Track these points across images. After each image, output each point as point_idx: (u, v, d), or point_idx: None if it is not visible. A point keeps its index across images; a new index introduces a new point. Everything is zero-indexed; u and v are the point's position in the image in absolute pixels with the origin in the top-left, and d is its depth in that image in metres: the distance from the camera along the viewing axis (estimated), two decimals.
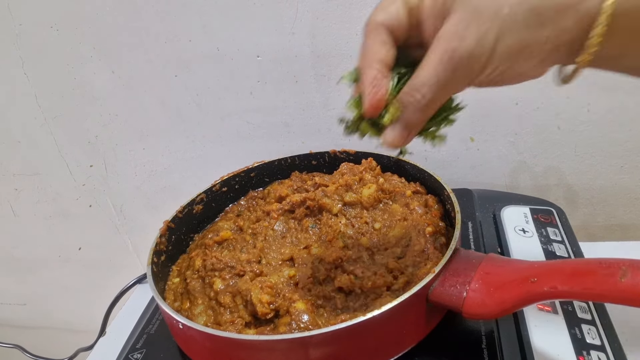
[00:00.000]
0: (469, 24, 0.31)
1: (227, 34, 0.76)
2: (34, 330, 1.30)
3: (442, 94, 0.33)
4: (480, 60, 0.31)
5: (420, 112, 0.34)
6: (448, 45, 0.31)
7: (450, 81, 0.32)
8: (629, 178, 0.78)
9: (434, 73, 0.32)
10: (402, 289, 0.49)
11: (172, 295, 0.56)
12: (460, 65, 0.31)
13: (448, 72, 0.32)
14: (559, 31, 0.31)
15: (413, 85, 0.33)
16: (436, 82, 0.32)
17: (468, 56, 0.31)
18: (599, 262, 0.37)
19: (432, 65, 0.32)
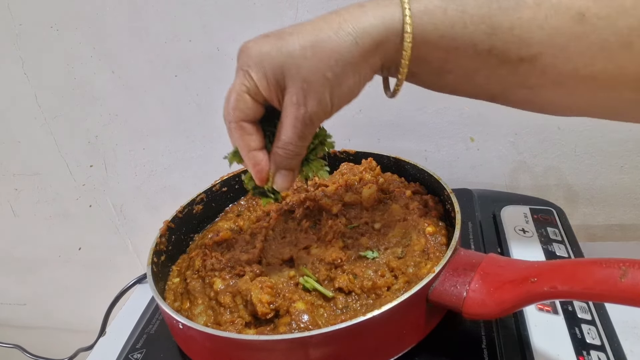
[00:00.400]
0: (305, 94, 0.39)
1: (227, 34, 0.76)
2: (34, 330, 1.30)
3: (303, 142, 0.43)
4: (324, 113, 0.41)
5: (294, 159, 0.44)
6: (296, 113, 0.40)
7: (307, 132, 0.42)
8: (629, 178, 0.78)
9: (292, 133, 0.42)
10: (402, 289, 0.49)
11: (172, 295, 0.56)
12: (310, 122, 0.41)
13: (302, 130, 0.41)
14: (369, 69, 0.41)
15: (281, 144, 0.43)
16: (296, 137, 0.42)
17: (315, 116, 0.41)
18: (599, 262, 0.37)
19: (290, 129, 0.41)
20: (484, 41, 0.39)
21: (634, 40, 0.40)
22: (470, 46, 0.39)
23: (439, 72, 0.42)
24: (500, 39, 0.39)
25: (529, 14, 0.39)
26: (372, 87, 0.80)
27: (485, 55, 0.40)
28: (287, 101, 0.40)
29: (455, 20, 0.39)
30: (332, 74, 0.39)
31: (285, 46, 0.39)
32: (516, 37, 0.39)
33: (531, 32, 0.39)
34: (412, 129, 0.81)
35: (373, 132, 0.83)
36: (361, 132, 0.83)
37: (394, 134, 0.82)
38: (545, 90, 0.42)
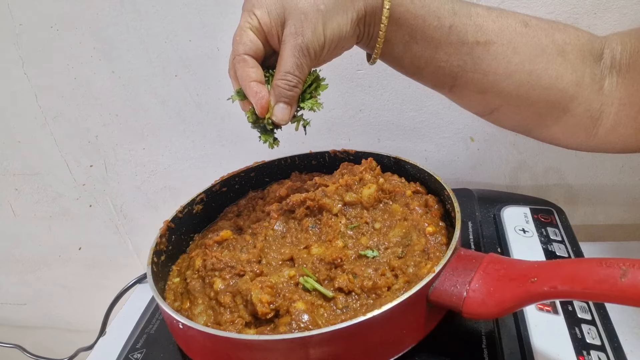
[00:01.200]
0: (302, 23, 0.44)
1: (227, 33, 0.76)
2: (34, 330, 1.30)
3: (301, 72, 0.47)
4: (318, 43, 0.46)
5: (294, 89, 0.48)
6: (294, 42, 0.45)
7: (306, 62, 0.46)
8: (629, 178, 0.78)
9: (291, 61, 0.46)
10: (402, 288, 0.49)
11: (172, 295, 0.56)
12: (307, 51, 0.46)
13: (300, 58, 0.46)
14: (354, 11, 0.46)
15: (281, 74, 0.47)
16: (295, 67, 0.46)
17: (311, 44, 0.45)
18: (599, 261, 0.37)
19: (289, 57, 0.46)
20: (447, 17, 0.48)
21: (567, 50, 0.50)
22: (435, 18, 0.47)
23: (408, 41, 0.49)
24: (460, 21, 0.48)
25: (483, 12, 0.49)
26: (372, 88, 0.80)
27: (447, 30, 0.48)
28: (286, 32, 0.46)
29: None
30: (325, 6, 0.44)
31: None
32: (473, 23, 0.48)
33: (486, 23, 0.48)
34: (412, 128, 0.81)
35: (373, 132, 0.83)
36: (361, 132, 0.83)
37: (394, 134, 0.82)
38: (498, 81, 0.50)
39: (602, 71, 0.51)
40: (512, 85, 0.50)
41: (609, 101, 0.51)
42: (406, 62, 0.52)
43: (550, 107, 0.52)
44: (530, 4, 0.66)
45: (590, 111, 0.51)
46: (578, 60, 0.50)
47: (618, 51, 0.51)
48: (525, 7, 0.66)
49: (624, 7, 0.64)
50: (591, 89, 0.51)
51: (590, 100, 0.51)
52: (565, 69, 0.50)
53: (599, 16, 0.65)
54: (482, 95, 0.52)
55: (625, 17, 0.64)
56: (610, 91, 0.51)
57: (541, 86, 0.50)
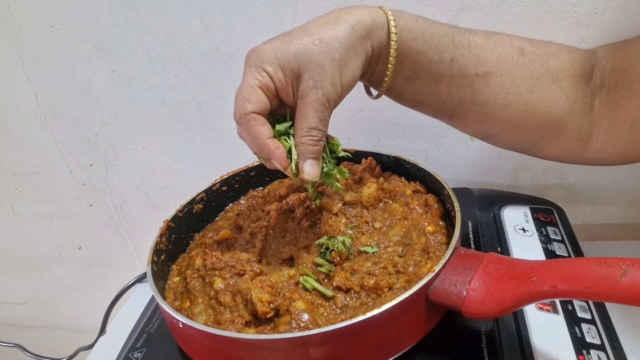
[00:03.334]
0: (320, 76, 0.44)
1: (227, 33, 0.76)
2: (34, 329, 1.30)
3: (325, 125, 0.47)
4: (336, 94, 0.46)
5: (319, 143, 0.47)
6: (315, 96, 0.45)
7: (325, 116, 0.46)
8: (629, 177, 0.78)
9: (314, 116, 0.45)
10: (402, 288, 0.49)
11: (172, 294, 0.56)
12: (327, 104, 0.46)
13: (322, 112, 0.46)
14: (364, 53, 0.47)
15: (304, 130, 0.46)
16: (318, 121, 0.46)
17: (330, 95, 0.45)
18: (599, 261, 0.37)
19: (311, 112, 0.45)
20: (447, 51, 0.48)
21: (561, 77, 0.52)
22: (437, 53, 0.48)
23: (410, 76, 0.50)
24: (460, 53, 0.49)
25: (481, 40, 0.50)
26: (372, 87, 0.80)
27: (448, 64, 0.49)
28: (303, 87, 0.45)
29: (425, 28, 0.48)
30: (339, 55, 0.44)
31: (295, 41, 0.45)
32: (472, 54, 0.49)
33: (484, 53, 0.49)
34: (412, 128, 0.81)
35: (373, 131, 0.83)
36: (361, 131, 0.83)
37: (394, 133, 0.82)
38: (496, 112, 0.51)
39: (592, 91, 0.53)
40: (509, 115, 0.52)
41: (599, 122, 0.53)
42: (407, 96, 0.53)
43: (544, 132, 0.54)
44: (531, 3, 0.66)
45: (580, 134, 0.54)
46: (571, 86, 0.53)
47: (607, 69, 0.53)
48: (525, 7, 0.66)
49: (624, 6, 0.64)
50: (582, 112, 0.53)
51: (581, 124, 0.54)
52: (559, 96, 0.52)
53: (599, 15, 0.65)
54: (480, 124, 0.54)
55: (625, 17, 0.64)
56: (599, 111, 0.53)
57: (536, 114, 0.52)
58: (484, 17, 0.68)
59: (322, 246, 0.54)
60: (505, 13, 0.67)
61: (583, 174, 0.79)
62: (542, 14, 0.66)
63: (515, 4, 0.66)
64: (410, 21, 0.48)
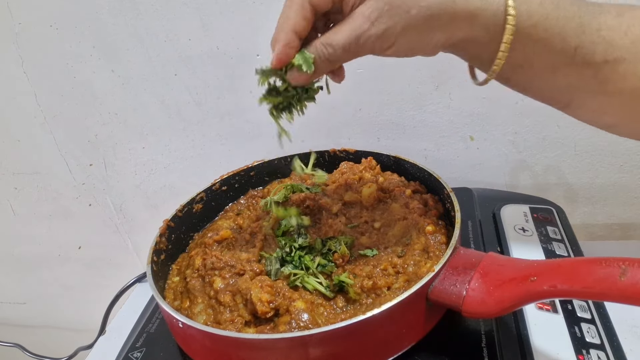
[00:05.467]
0: (381, 13, 0.38)
1: (226, 32, 0.76)
2: (34, 329, 1.30)
3: (346, 55, 0.41)
4: (382, 44, 0.40)
5: (326, 62, 0.42)
6: (361, 24, 0.39)
7: (354, 49, 0.40)
8: (629, 177, 0.78)
9: (344, 40, 0.40)
10: (401, 287, 0.49)
11: (172, 294, 0.56)
12: (366, 43, 0.40)
13: (355, 44, 0.40)
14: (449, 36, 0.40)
15: (327, 41, 0.41)
16: (344, 47, 0.40)
17: (374, 39, 0.39)
18: (599, 260, 0.37)
19: (345, 34, 0.39)
20: (573, 37, 0.40)
21: None
22: (559, 40, 0.40)
23: (520, 65, 0.42)
24: (588, 38, 0.40)
25: (613, 20, 0.41)
26: (372, 85, 0.80)
27: (571, 52, 0.40)
28: (360, 10, 0.39)
29: (549, 12, 0.40)
30: (416, 13, 0.38)
31: None
32: (602, 39, 0.40)
33: (616, 36, 0.40)
34: (412, 127, 0.81)
35: (373, 131, 0.83)
36: (361, 131, 0.83)
37: (393, 133, 0.82)
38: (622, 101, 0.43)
39: None
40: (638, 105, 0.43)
41: None
42: (512, 82, 0.45)
43: None
44: None
45: None
46: None
47: None
48: None
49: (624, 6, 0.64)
50: None
51: None
52: None
53: None
54: (600, 115, 0.46)
55: None
56: None
57: None
58: None
59: (324, 247, 0.54)
60: None
61: (583, 174, 0.79)
62: None
63: None
64: (534, 3, 0.40)
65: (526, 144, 0.78)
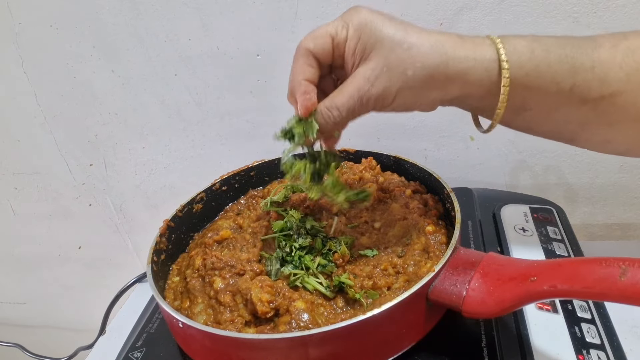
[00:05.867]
0: (379, 74, 0.41)
1: (227, 33, 0.76)
2: (34, 329, 1.30)
3: (351, 115, 0.44)
4: (383, 103, 0.43)
5: (332, 125, 0.45)
6: (361, 86, 0.42)
7: (357, 109, 0.43)
8: (629, 177, 0.78)
9: (346, 101, 0.43)
10: (401, 287, 0.49)
11: (172, 294, 0.56)
12: (367, 102, 0.43)
13: (357, 104, 0.43)
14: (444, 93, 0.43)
15: (331, 104, 0.44)
16: (347, 108, 0.43)
17: (374, 98, 0.42)
18: (599, 260, 0.37)
19: (347, 96, 0.43)
20: (566, 79, 0.41)
21: None
22: (553, 84, 0.41)
23: (518, 110, 0.44)
24: (582, 77, 0.41)
25: (607, 54, 0.41)
26: None
27: (567, 93, 0.41)
28: (360, 72, 0.42)
29: (540, 60, 0.41)
30: (412, 74, 0.41)
31: (392, 28, 0.41)
32: (597, 76, 0.41)
33: (611, 71, 0.41)
34: (412, 127, 0.81)
35: (373, 131, 0.83)
36: (361, 131, 0.83)
37: (393, 133, 0.82)
38: (626, 129, 0.43)
39: None
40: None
41: None
42: (514, 125, 0.47)
43: None
44: (531, 3, 0.66)
45: None
46: None
47: None
48: (525, 6, 0.66)
49: (624, 6, 0.64)
50: None
51: None
52: None
53: (599, 15, 0.65)
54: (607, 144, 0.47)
55: (625, 17, 0.64)
56: None
57: None
58: (484, 17, 0.68)
59: (324, 247, 0.54)
60: (505, 13, 0.67)
61: (583, 174, 0.79)
62: (541, 14, 0.66)
63: (515, 4, 0.66)
64: (524, 54, 0.41)
65: (526, 144, 0.78)
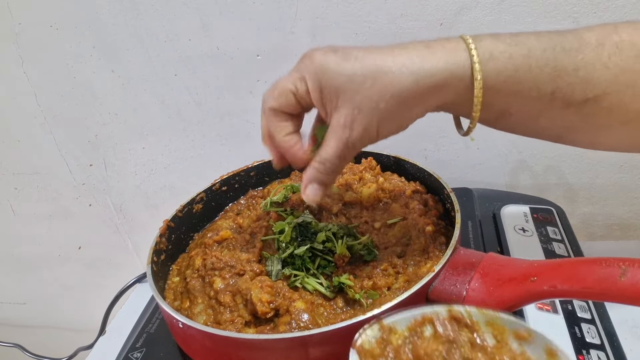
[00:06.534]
0: (354, 118, 0.40)
1: (227, 33, 0.76)
2: (34, 329, 1.30)
3: (342, 162, 0.43)
4: (369, 140, 0.42)
5: (329, 175, 0.44)
6: (341, 135, 0.41)
7: (347, 154, 0.42)
8: (629, 177, 0.78)
9: (333, 152, 0.42)
10: (402, 288, 0.49)
11: (172, 294, 0.56)
12: (352, 146, 0.42)
13: (344, 151, 0.42)
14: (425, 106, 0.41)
15: (320, 159, 0.43)
16: (336, 157, 0.42)
17: (358, 141, 0.41)
18: (599, 261, 0.37)
19: (332, 148, 0.42)
20: (548, 83, 0.39)
21: None
22: (534, 89, 0.39)
23: (500, 115, 0.42)
24: (564, 81, 0.39)
25: (592, 54, 0.38)
26: None
27: (549, 97, 0.40)
28: (335, 121, 0.41)
29: (519, 65, 0.38)
30: (385, 106, 0.39)
31: (348, 69, 0.39)
32: (580, 79, 0.39)
33: (596, 72, 0.38)
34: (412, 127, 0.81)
35: None
36: None
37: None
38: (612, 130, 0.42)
39: None
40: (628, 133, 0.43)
41: None
42: (498, 128, 0.46)
43: None
44: (531, 3, 0.66)
45: None
46: None
47: None
48: (525, 7, 0.66)
49: (624, 6, 0.64)
50: None
51: None
52: None
53: (599, 15, 0.65)
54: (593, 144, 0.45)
55: (625, 17, 0.64)
56: None
57: None
58: (484, 17, 0.68)
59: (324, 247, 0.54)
60: (505, 13, 0.67)
61: (583, 174, 0.79)
62: (541, 14, 0.66)
63: (515, 4, 0.66)
64: (501, 60, 0.39)
65: (526, 144, 0.78)
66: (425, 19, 0.70)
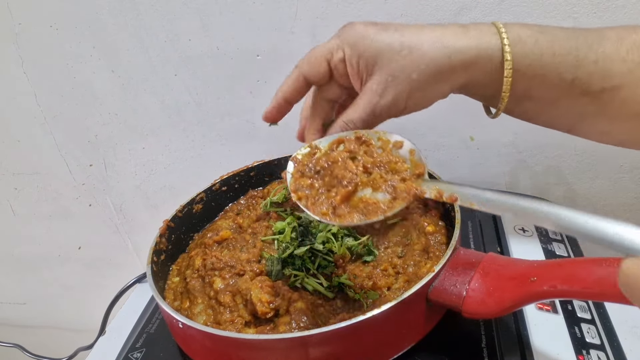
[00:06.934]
0: (386, 85, 0.42)
1: (227, 33, 0.76)
2: (34, 329, 1.30)
3: (367, 127, 0.45)
4: (396, 110, 0.44)
5: None
6: (371, 99, 0.43)
7: (372, 120, 0.44)
8: (629, 177, 0.78)
9: (359, 115, 0.44)
10: (401, 288, 0.49)
11: (172, 294, 0.56)
12: (380, 113, 0.44)
13: (370, 116, 0.44)
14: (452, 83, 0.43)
15: (348, 119, 0.45)
16: (361, 120, 0.44)
17: (387, 109, 0.43)
18: (599, 261, 0.37)
19: (360, 110, 0.44)
20: (569, 71, 0.41)
21: None
22: (556, 75, 0.41)
23: (520, 99, 0.44)
24: (584, 71, 0.41)
25: (612, 47, 0.41)
26: None
27: (569, 84, 0.42)
28: (368, 86, 0.43)
29: (544, 50, 0.41)
30: (417, 76, 0.41)
31: (387, 38, 0.42)
32: (599, 69, 0.41)
33: (613, 65, 0.41)
34: (412, 127, 0.81)
35: None
36: None
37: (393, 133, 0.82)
38: (624, 122, 0.44)
39: None
40: None
41: None
42: (515, 114, 0.47)
43: None
44: (529, 3, 0.66)
45: None
46: None
47: None
48: (525, 7, 0.66)
49: (624, 6, 0.64)
50: None
51: None
52: None
53: (599, 15, 0.65)
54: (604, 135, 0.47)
55: (625, 17, 0.64)
56: None
57: None
58: (484, 17, 0.68)
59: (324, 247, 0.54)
60: (505, 13, 0.67)
61: (583, 174, 0.79)
62: (541, 14, 0.66)
63: (515, 4, 0.66)
64: (528, 44, 0.41)
65: (526, 144, 0.78)
66: (425, 19, 0.70)
